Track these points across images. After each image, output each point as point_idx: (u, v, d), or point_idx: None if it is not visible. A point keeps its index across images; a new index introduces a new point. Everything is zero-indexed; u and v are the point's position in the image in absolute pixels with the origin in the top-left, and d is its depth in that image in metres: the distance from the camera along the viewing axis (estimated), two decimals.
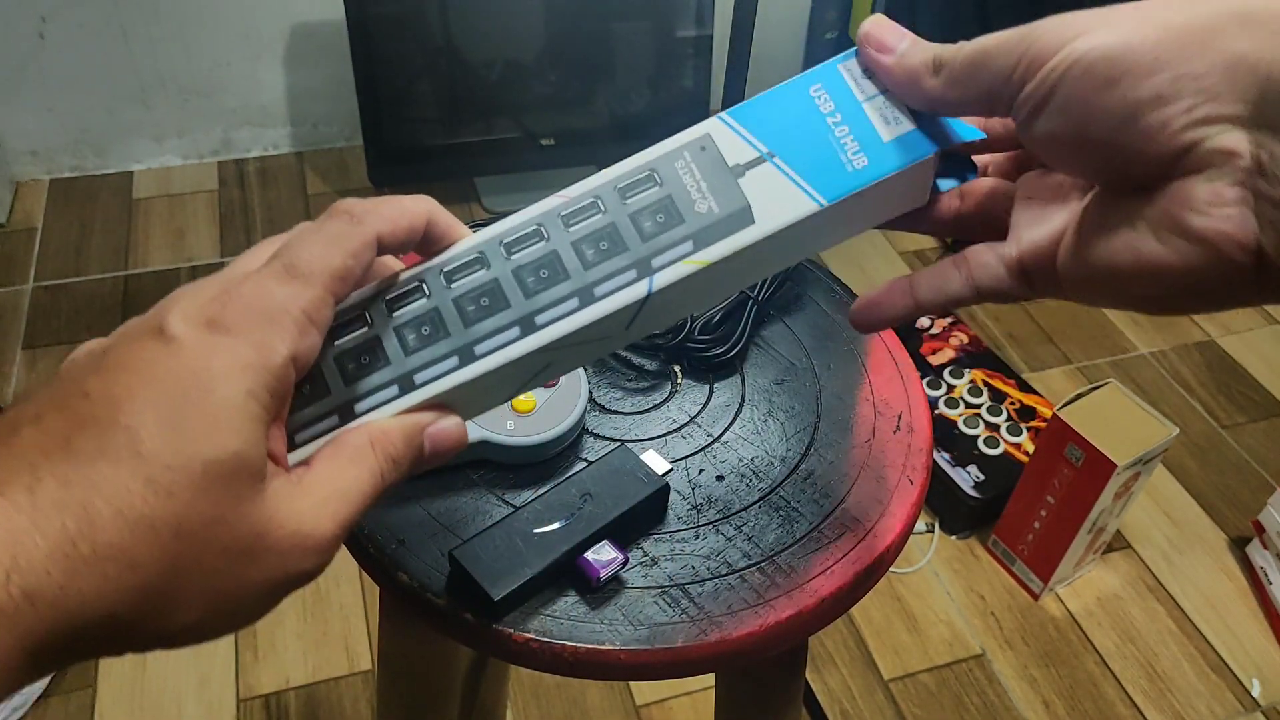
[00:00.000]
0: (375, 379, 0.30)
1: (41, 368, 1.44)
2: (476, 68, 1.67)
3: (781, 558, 0.45)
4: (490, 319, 0.31)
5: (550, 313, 0.30)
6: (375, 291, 0.31)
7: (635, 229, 0.31)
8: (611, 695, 1.11)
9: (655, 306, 0.31)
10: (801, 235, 0.32)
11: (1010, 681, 1.15)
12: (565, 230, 0.31)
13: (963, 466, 1.27)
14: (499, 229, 0.32)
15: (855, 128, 0.32)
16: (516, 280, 0.31)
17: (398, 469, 0.29)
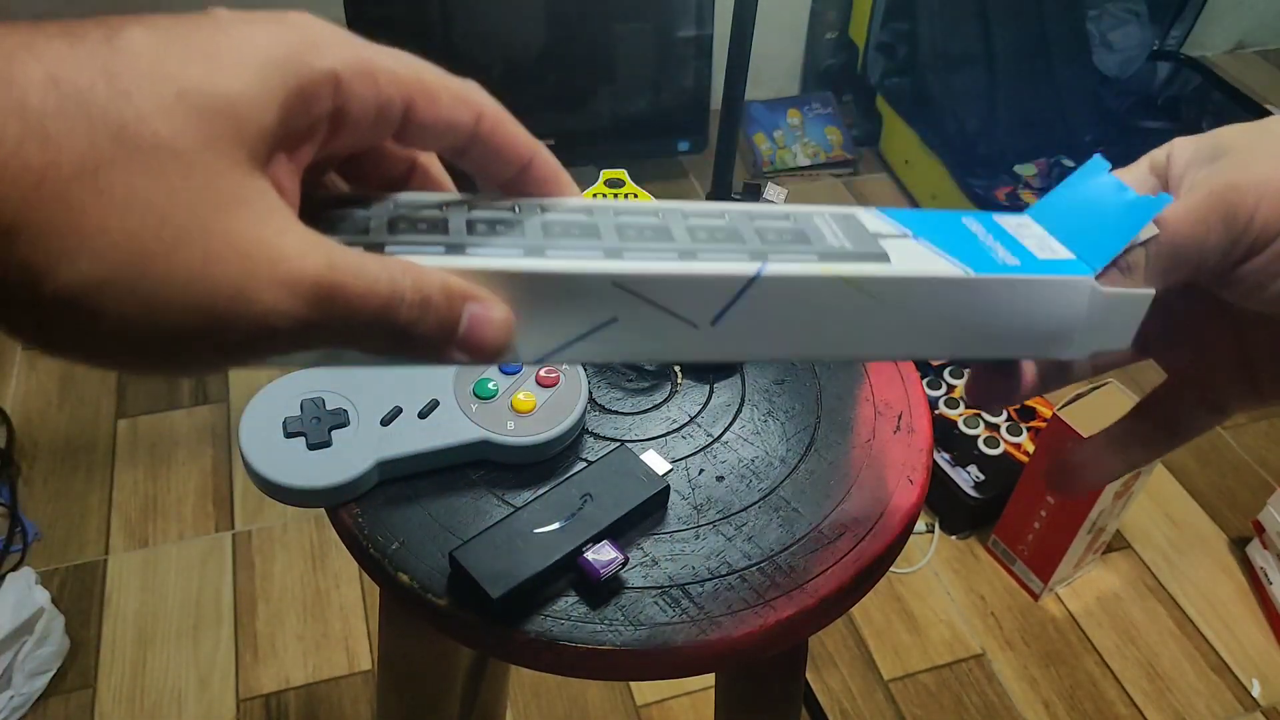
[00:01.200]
0: (428, 238, 0.26)
1: (42, 368, 1.44)
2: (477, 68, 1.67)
3: (781, 558, 0.45)
4: (575, 239, 0.27)
5: (642, 252, 0.27)
6: (461, 199, 0.28)
7: (758, 235, 0.28)
8: (611, 695, 1.11)
9: (760, 301, 0.27)
10: (939, 307, 0.28)
11: (1010, 681, 1.15)
12: (684, 220, 0.28)
13: (963, 466, 1.27)
14: (615, 202, 0.29)
15: (1007, 245, 0.30)
16: (617, 228, 0.27)
17: (422, 309, 0.24)
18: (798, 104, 1.98)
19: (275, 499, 0.46)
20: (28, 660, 1.05)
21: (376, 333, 0.24)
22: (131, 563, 1.21)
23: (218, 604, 1.17)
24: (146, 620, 1.15)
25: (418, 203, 0.28)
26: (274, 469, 0.46)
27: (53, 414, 1.38)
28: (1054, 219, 0.32)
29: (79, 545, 1.22)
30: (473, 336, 0.25)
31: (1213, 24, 2.25)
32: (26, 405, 1.39)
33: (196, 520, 1.26)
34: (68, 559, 1.21)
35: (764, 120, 1.95)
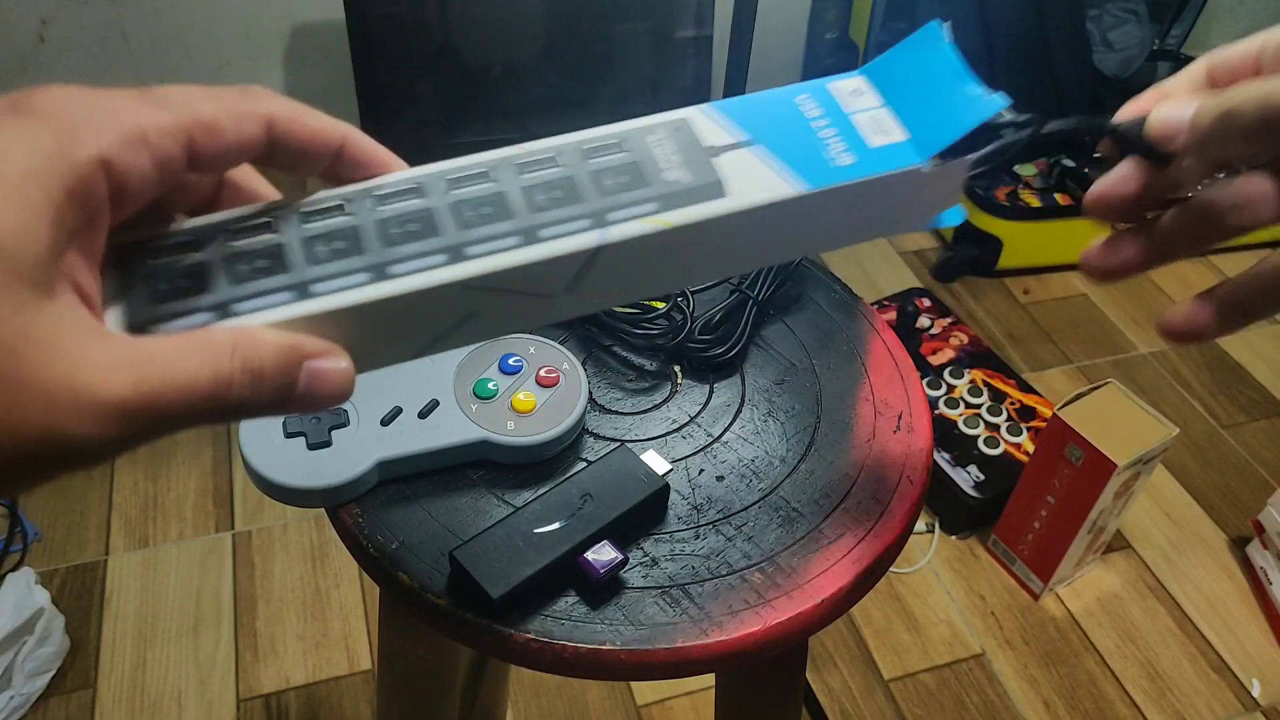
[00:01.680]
0: (268, 283, 0.26)
1: None
2: (476, 69, 1.67)
3: (781, 558, 0.45)
4: (416, 243, 0.27)
5: (485, 246, 0.27)
6: (289, 205, 0.28)
7: (594, 185, 0.28)
8: (611, 695, 1.11)
9: (607, 264, 0.28)
10: (777, 223, 0.29)
11: (1010, 681, 1.15)
12: (517, 176, 0.28)
13: (963, 466, 1.27)
14: (443, 165, 0.29)
15: (843, 133, 0.30)
16: (453, 212, 0.27)
17: (254, 386, 0.24)
18: None
19: (275, 499, 0.46)
20: (28, 660, 1.05)
21: (210, 416, 0.23)
22: (131, 563, 1.21)
23: (218, 604, 1.17)
24: (146, 620, 1.15)
25: (247, 226, 0.27)
26: (274, 469, 0.46)
27: None
28: (890, 83, 0.32)
29: (79, 545, 1.22)
30: (312, 392, 0.25)
31: (1213, 24, 2.25)
32: None
33: (196, 520, 1.26)
34: (68, 559, 1.21)
35: None
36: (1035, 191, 1.78)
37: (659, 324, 0.54)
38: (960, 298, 1.66)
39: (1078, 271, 1.71)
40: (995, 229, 1.64)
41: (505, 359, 0.50)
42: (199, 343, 0.23)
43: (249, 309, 0.25)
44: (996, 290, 1.68)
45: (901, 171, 0.30)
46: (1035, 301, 1.67)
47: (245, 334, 0.24)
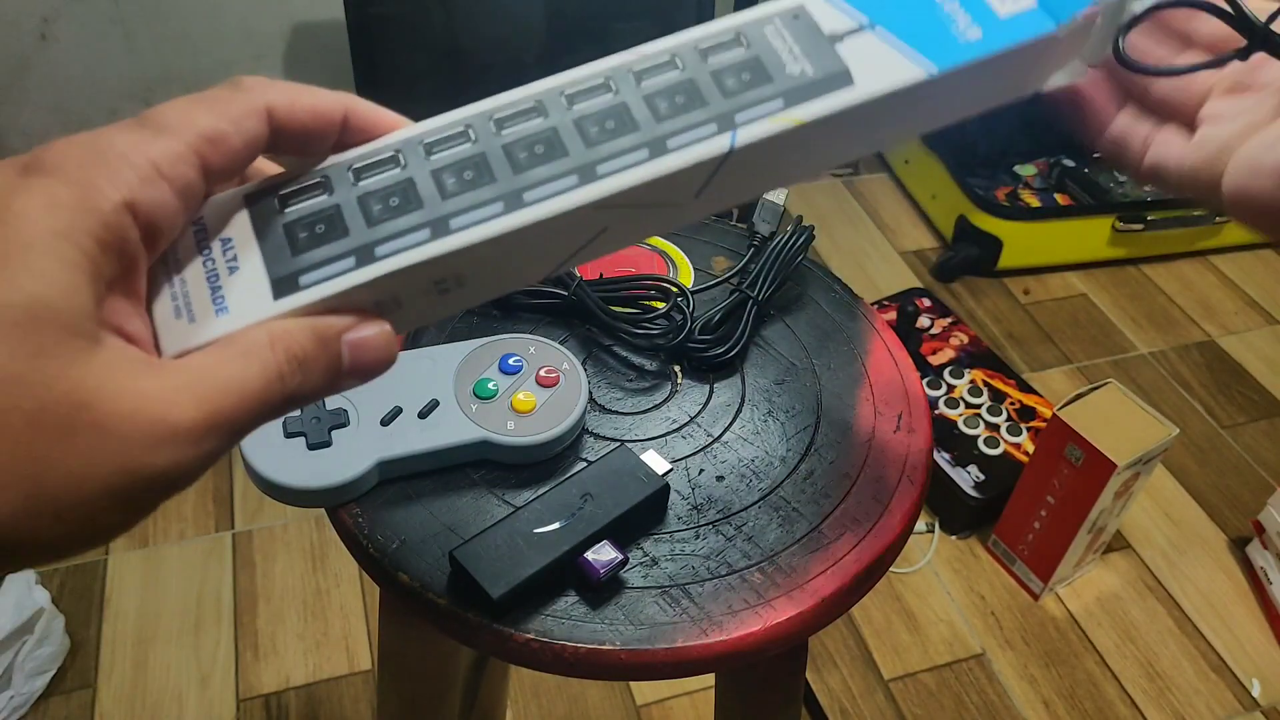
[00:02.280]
0: (403, 221, 0.26)
1: None
2: (477, 68, 1.67)
3: (781, 558, 0.45)
4: (545, 166, 0.26)
5: (615, 162, 0.26)
6: (414, 136, 0.27)
7: (717, 85, 0.27)
8: (611, 695, 1.11)
9: (736, 168, 0.27)
10: (906, 107, 0.29)
11: (1010, 681, 1.15)
12: (637, 84, 0.28)
13: (963, 466, 1.27)
14: (559, 79, 0.28)
15: (968, 5, 0.29)
16: (579, 129, 0.27)
17: (304, 372, 0.24)
18: None
19: (275, 499, 0.46)
20: (28, 660, 1.05)
21: (273, 412, 0.24)
22: (131, 562, 1.21)
23: (218, 603, 1.17)
24: (146, 620, 1.15)
25: (375, 162, 0.27)
26: (274, 469, 0.46)
27: None
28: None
29: None
30: (360, 363, 0.26)
31: None
32: None
33: (197, 520, 1.26)
34: (68, 559, 1.21)
35: None
36: (1035, 191, 1.78)
37: (659, 324, 0.54)
38: (960, 298, 1.66)
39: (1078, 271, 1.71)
40: (995, 229, 1.65)
41: (505, 359, 0.50)
42: (241, 348, 0.24)
43: (389, 250, 0.25)
44: (996, 290, 1.68)
45: (1033, 40, 0.29)
46: (1035, 301, 1.67)
47: (277, 326, 0.25)
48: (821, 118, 0.27)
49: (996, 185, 1.78)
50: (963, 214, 1.68)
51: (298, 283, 0.25)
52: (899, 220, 1.83)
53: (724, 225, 0.65)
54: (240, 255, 0.26)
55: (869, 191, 1.89)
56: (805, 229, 0.59)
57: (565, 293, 0.55)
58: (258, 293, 0.25)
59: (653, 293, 0.56)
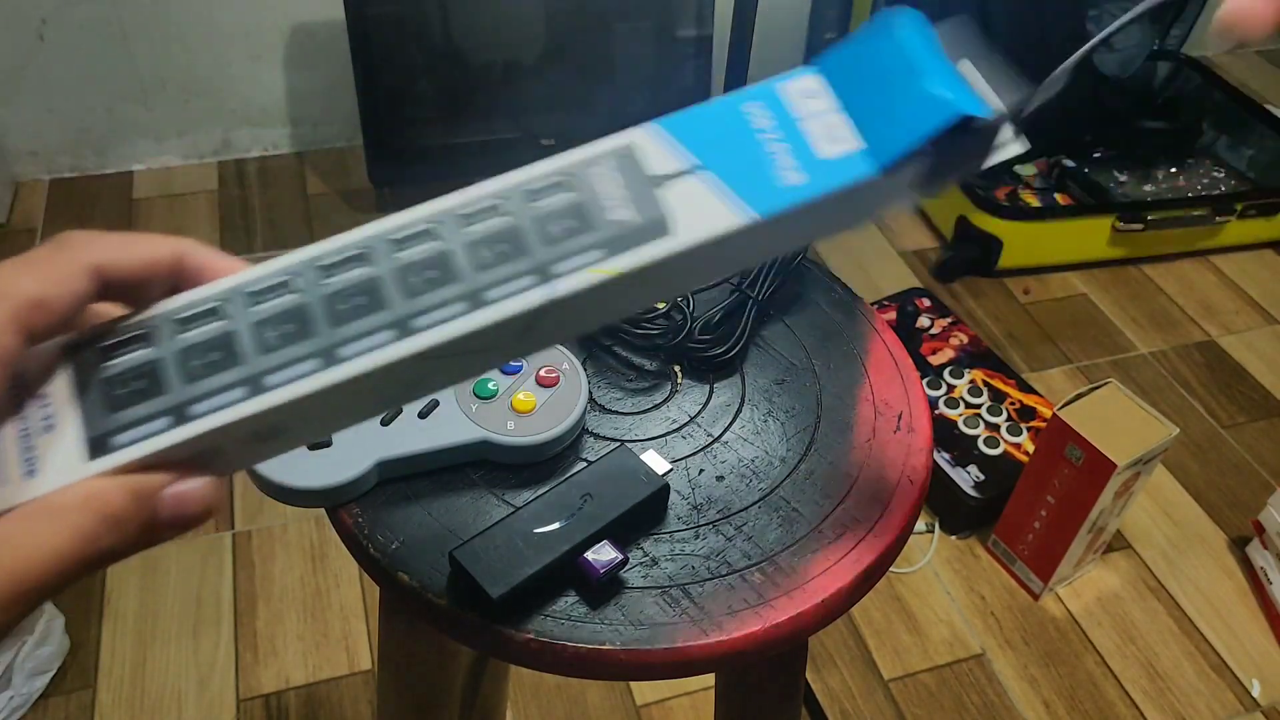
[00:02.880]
0: (222, 378, 0.26)
1: None
2: (476, 68, 1.67)
3: (781, 558, 0.45)
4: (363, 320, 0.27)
5: (433, 316, 0.27)
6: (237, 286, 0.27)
7: (539, 233, 0.28)
8: (611, 695, 1.11)
9: (555, 314, 0.28)
10: (726, 251, 0.29)
11: (1010, 681, 1.15)
12: (461, 231, 0.28)
13: (963, 466, 1.27)
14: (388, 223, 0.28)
15: (793, 145, 0.29)
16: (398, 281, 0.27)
17: (119, 531, 0.25)
18: None
19: (275, 499, 0.46)
20: (28, 660, 1.05)
21: (86, 570, 0.24)
22: (131, 563, 1.20)
23: (218, 604, 1.17)
24: (146, 620, 1.15)
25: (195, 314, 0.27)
26: (274, 469, 0.46)
27: None
28: (846, 81, 0.30)
29: None
30: (179, 516, 0.26)
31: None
32: None
33: None
34: None
35: None
36: (1035, 191, 1.78)
37: (659, 324, 0.54)
38: (960, 298, 1.66)
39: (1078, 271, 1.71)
40: (995, 229, 1.64)
41: None
42: (51, 511, 0.24)
43: (205, 409, 0.26)
44: (996, 290, 1.68)
45: (854, 184, 0.29)
46: (1035, 301, 1.67)
47: (93, 485, 0.25)
48: (639, 268, 0.28)
49: (996, 185, 1.78)
50: (963, 214, 1.68)
51: (112, 443, 0.25)
52: (899, 220, 1.83)
53: None
54: (56, 413, 0.26)
55: None
56: None
57: None
58: (71, 453, 0.25)
59: None
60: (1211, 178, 1.86)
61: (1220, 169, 1.88)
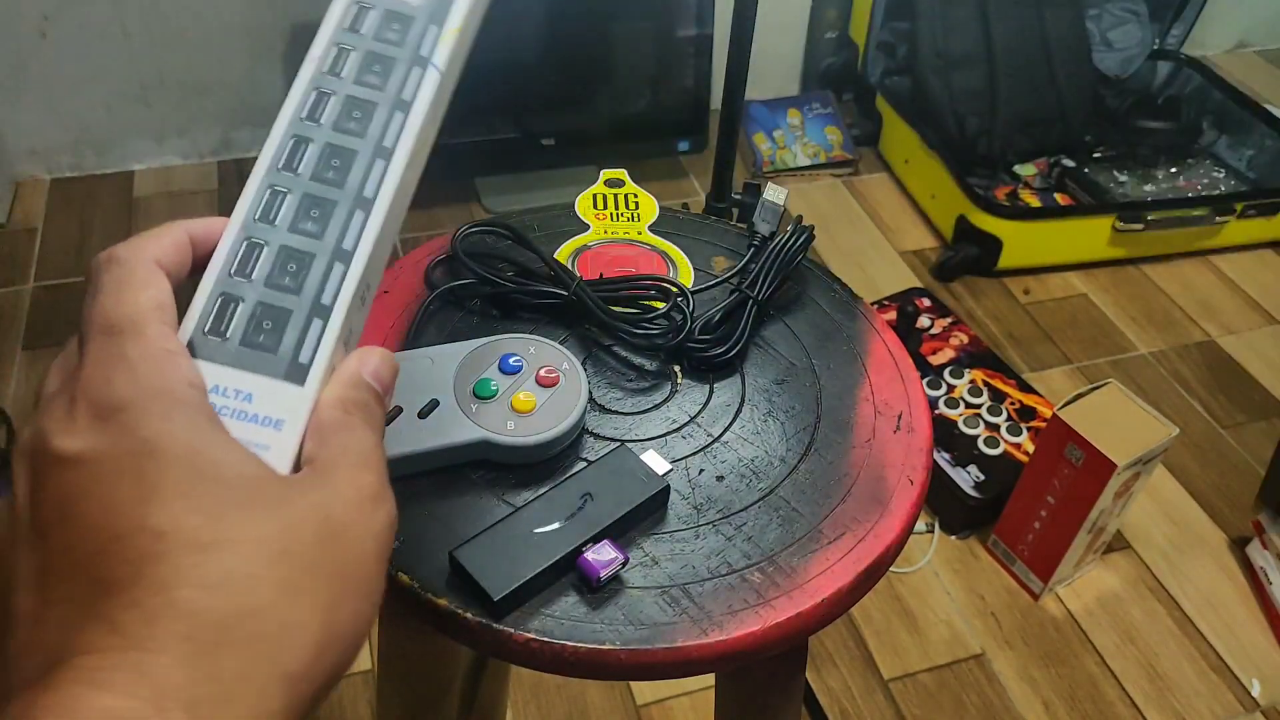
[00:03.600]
0: (293, 329, 0.30)
1: (41, 368, 1.44)
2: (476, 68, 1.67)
3: (781, 558, 0.45)
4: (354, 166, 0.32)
5: (390, 135, 0.33)
6: (209, 280, 0.31)
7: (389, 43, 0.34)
8: (611, 695, 1.11)
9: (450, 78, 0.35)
10: None
11: (1010, 681, 1.15)
12: (340, 79, 0.33)
13: (963, 466, 1.27)
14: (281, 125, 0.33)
15: None
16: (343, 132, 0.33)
17: (374, 408, 0.31)
18: (798, 104, 1.98)
19: None
20: None
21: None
22: None
23: None
24: None
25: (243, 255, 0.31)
26: None
27: None
28: None
29: None
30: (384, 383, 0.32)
31: (1213, 23, 2.25)
32: (27, 405, 1.39)
33: None
34: None
35: (764, 120, 1.95)
36: (1035, 191, 1.78)
37: (659, 324, 0.54)
38: (960, 298, 1.66)
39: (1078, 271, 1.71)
40: (995, 229, 1.64)
41: (505, 359, 0.50)
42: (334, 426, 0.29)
43: (330, 296, 0.30)
44: (996, 290, 1.68)
45: None
46: (1035, 301, 1.67)
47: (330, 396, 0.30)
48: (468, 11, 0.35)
49: (996, 185, 1.78)
50: (963, 214, 1.68)
51: (301, 365, 0.30)
52: (899, 220, 1.83)
53: (724, 225, 0.65)
54: (238, 386, 0.29)
55: (869, 191, 1.89)
56: (805, 229, 0.59)
57: (565, 293, 0.55)
58: (286, 395, 0.29)
59: (653, 293, 0.56)
60: (1211, 178, 1.87)
61: (1220, 169, 1.88)
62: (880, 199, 1.88)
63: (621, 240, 0.61)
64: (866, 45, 1.90)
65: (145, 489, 0.23)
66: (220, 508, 0.24)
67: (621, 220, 0.62)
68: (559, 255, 0.59)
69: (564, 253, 0.60)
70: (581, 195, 0.63)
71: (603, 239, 0.61)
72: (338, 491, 0.27)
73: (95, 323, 0.27)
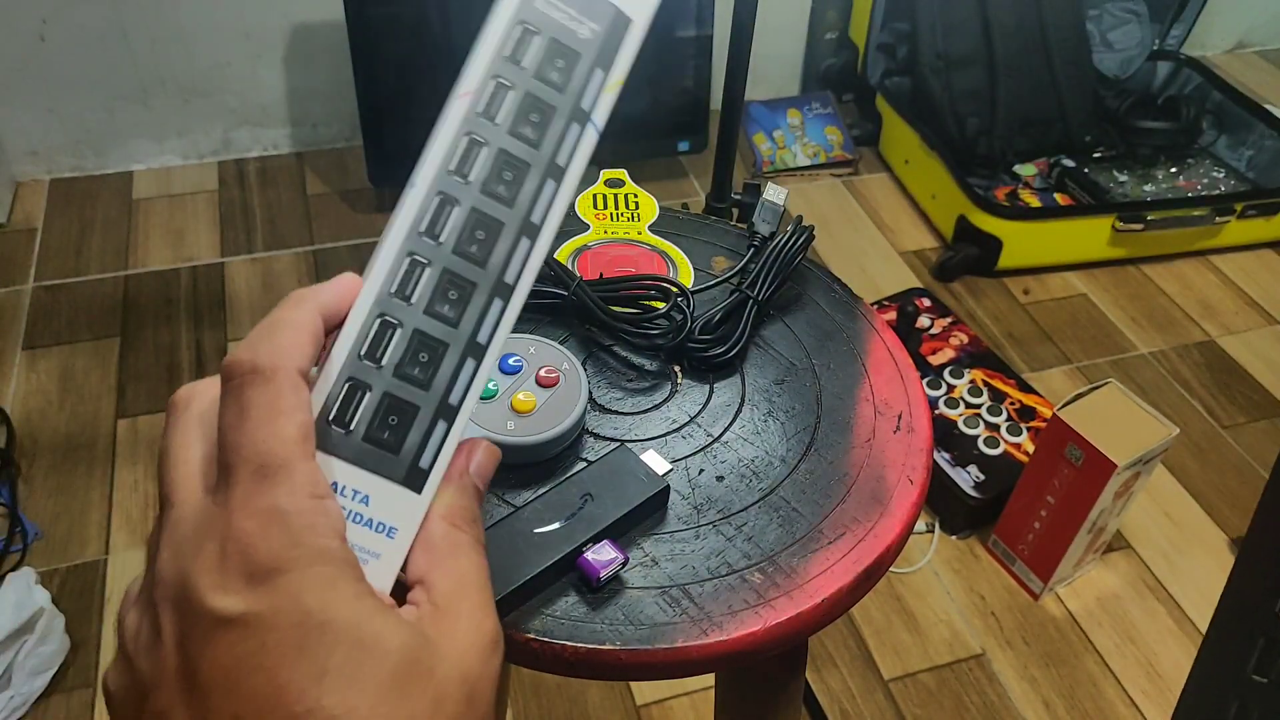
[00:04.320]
0: (446, 365, 0.28)
1: (42, 367, 1.44)
2: None
3: (781, 558, 0.45)
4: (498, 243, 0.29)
5: (537, 210, 0.30)
6: (337, 358, 0.28)
7: (549, 87, 0.30)
8: (611, 695, 1.11)
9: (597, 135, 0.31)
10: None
11: (1010, 681, 1.15)
12: (495, 126, 0.29)
13: (963, 466, 1.27)
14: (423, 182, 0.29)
15: None
16: (489, 196, 0.29)
17: (479, 516, 0.30)
18: (798, 104, 1.98)
19: None
20: (28, 659, 1.05)
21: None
22: (132, 562, 1.21)
23: None
24: None
25: (374, 338, 0.28)
26: None
27: (53, 414, 1.38)
28: None
29: (79, 545, 1.22)
30: (487, 478, 0.31)
31: (1213, 24, 2.25)
32: (26, 405, 1.39)
33: None
34: (68, 558, 1.21)
35: (764, 120, 1.95)
36: (1035, 191, 1.78)
37: (659, 324, 0.54)
38: (960, 298, 1.66)
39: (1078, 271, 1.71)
40: (995, 229, 1.64)
41: (505, 359, 0.50)
42: (444, 550, 0.29)
43: (458, 396, 0.29)
44: (996, 290, 1.68)
45: None
46: (1035, 301, 1.67)
47: (438, 509, 0.29)
48: (627, 68, 0.31)
49: (996, 185, 1.78)
50: (963, 214, 1.68)
51: (421, 471, 0.28)
52: (899, 220, 1.83)
53: (724, 225, 0.65)
54: (356, 486, 0.28)
55: (869, 191, 1.89)
56: (805, 229, 0.59)
57: (565, 293, 0.55)
58: (403, 501, 0.28)
59: (653, 293, 0.56)
60: (1211, 178, 1.87)
61: (1220, 169, 1.88)
62: (880, 199, 1.88)
63: (621, 240, 0.61)
64: (866, 46, 1.90)
65: (316, 667, 0.24)
66: (382, 690, 0.24)
67: (621, 220, 0.62)
68: (559, 255, 0.59)
69: (564, 253, 0.60)
70: (581, 195, 0.63)
71: (603, 239, 0.61)
72: (470, 643, 0.27)
73: (246, 457, 0.25)
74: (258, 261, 1.63)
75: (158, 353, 1.48)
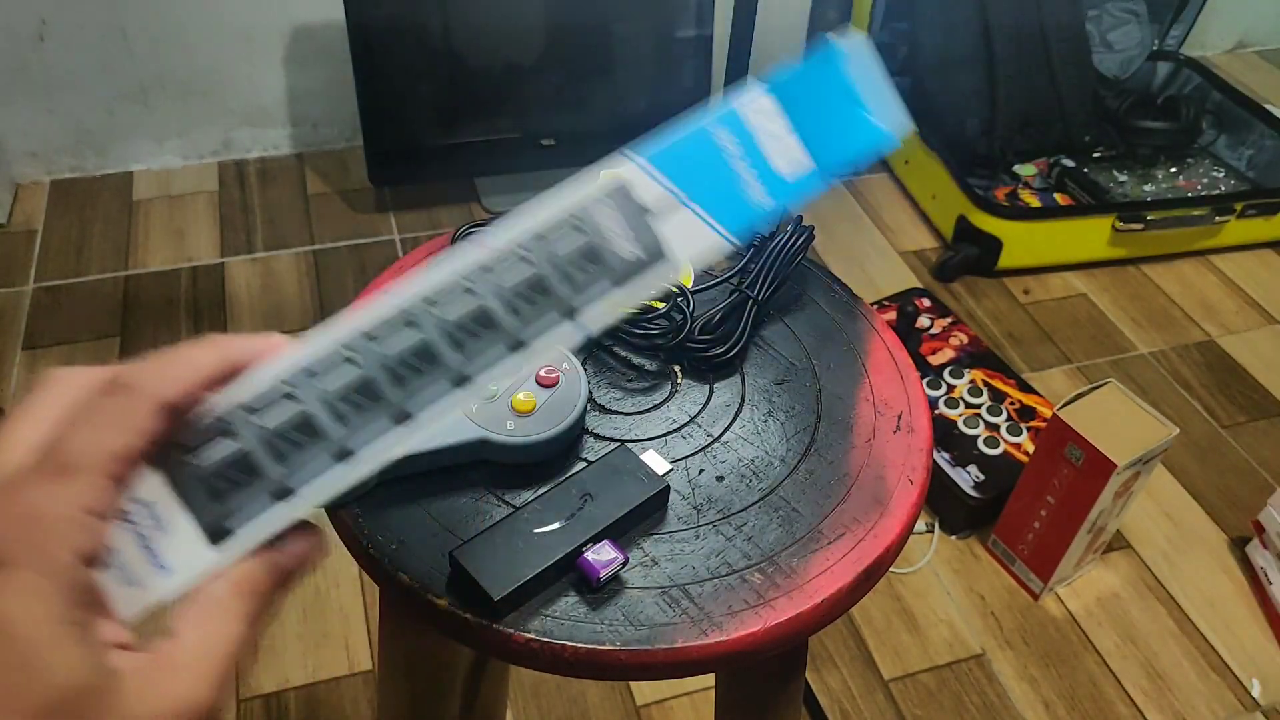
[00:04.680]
0: (310, 452, 0.28)
1: (42, 368, 1.44)
2: (476, 68, 1.67)
3: (781, 558, 0.45)
4: (424, 378, 0.30)
5: (481, 361, 0.30)
6: (299, 369, 0.29)
7: (557, 270, 0.31)
8: (611, 695, 1.11)
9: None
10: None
11: (1010, 681, 1.15)
12: (491, 284, 0.30)
13: (963, 466, 1.27)
14: (421, 288, 0.30)
15: (758, 168, 0.33)
16: (444, 338, 0.30)
17: (267, 603, 0.28)
18: None
19: None
20: None
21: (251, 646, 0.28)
22: None
23: None
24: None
25: (268, 401, 0.29)
26: None
27: None
28: (795, 104, 0.34)
29: None
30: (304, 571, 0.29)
31: (1213, 24, 2.25)
32: None
33: None
34: None
35: None
36: (1035, 191, 1.78)
37: (659, 324, 0.54)
38: (960, 298, 1.66)
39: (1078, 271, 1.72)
40: (995, 229, 1.64)
41: None
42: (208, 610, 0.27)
43: (302, 483, 0.28)
44: (996, 290, 1.68)
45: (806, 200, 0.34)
46: (1035, 301, 1.67)
47: (235, 574, 0.28)
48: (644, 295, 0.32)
49: (996, 185, 1.78)
50: (963, 214, 1.68)
51: (229, 529, 0.28)
52: (899, 220, 1.83)
53: None
54: (162, 513, 0.28)
55: (869, 191, 1.89)
56: (805, 229, 0.59)
57: None
58: (195, 544, 0.28)
59: None
60: (1211, 178, 1.87)
61: (1220, 169, 1.88)
62: (880, 199, 1.88)
63: None
64: None
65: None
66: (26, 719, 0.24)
67: None
68: None
69: None
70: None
71: None
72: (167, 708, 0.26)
73: (59, 451, 0.26)
74: (258, 262, 1.63)
75: None
